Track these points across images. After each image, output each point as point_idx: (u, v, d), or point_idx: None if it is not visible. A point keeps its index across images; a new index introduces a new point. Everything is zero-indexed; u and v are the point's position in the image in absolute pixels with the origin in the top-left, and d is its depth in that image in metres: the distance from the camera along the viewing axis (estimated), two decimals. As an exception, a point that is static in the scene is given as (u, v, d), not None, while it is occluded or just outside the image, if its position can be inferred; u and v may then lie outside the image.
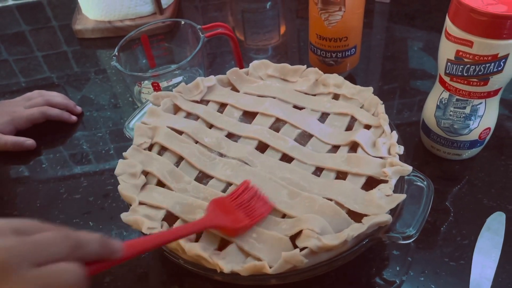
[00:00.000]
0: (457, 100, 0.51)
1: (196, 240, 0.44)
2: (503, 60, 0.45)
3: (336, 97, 0.59)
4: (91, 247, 0.30)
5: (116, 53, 0.65)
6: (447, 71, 0.49)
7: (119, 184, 0.47)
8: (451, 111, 0.52)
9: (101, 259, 0.31)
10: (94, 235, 0.31)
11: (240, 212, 0.44)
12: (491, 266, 0.46)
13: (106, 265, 0.32)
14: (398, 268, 0.47)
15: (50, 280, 0.27)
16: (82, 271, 0.29)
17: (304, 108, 0.57)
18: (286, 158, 0.51)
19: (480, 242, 0.48)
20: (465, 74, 0.47)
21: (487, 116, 0.51)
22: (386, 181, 0.46)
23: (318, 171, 0.50)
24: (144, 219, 0.44)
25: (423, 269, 0.47)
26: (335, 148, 0.52)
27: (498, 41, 0.44)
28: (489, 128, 0.53)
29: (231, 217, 0.43)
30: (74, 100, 0.73)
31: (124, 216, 0.45)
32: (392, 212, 0.44)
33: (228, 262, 0.41)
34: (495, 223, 0.50)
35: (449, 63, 0.48)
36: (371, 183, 0.48)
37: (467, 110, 0.51)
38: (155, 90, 0.63)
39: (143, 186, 0.49)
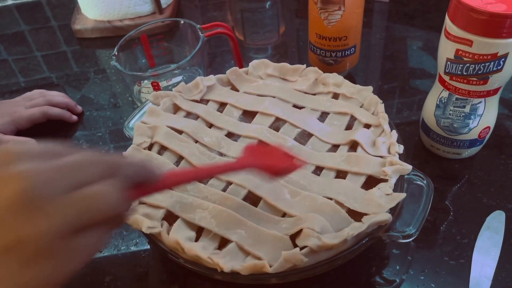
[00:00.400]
0: (456, 99, 0.51)
1: (196, 240, 0.44)
2: (503, 59, 0.45)
3: (335, 96, 0.59)
4: (128, 168, 0.27)
5: (116, 53, 0.65)
6: (447, 70, 0.49)
7: (119, 183, 0.47)
8: (450, 110, 0.52)
9: (139, 184, 0.28)
10: (131, 159, 0.28)
11: (274, 157, 0.44)
12: (490, 265, 0.46)
13: (144, 191, 0.29)
14: (398, 267, 0.48)
15: (88, 203, 0.24)
16: (121, 192, 0.26)
17: (304, 107, 0.57)
18: (286, 158, 0.51)
19: (479, 241, 0.48)
20: (465, 73, 0.48)
21: (486, 115, 0.52)
22: (386, 180, 0.47)
23: (318, 170, 0.50)
24: (144, 219, 0.44)
25: (423, 268, 0.47)
26: (335, 147, 0.52)
27: (497, 40, 0.44)
28: (489, 127, 0.53)
29: (271, 159, 0.43)
30: (73, 100, 0.72)
31: (124, 216, 0.45)
32: (392, 211, 0.44)
33: (228, 261, 0.41)
34: (495, 222, 0.50)
35: (448, 62, 0.48)
36: (371, 182, 0.48)
37: (467, 109, 0.51)
38: (154, 89, 0.63)
39: (143, 185, 0.49)
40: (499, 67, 0.46)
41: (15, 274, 0.22)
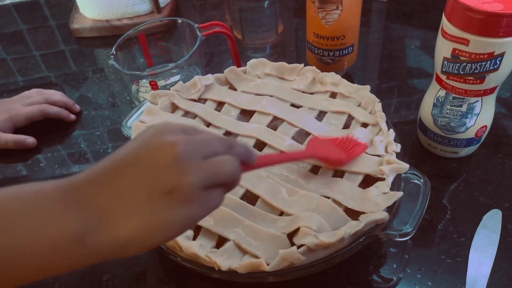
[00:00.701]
0: (453, 98, 0.51)
1: (194, 238, 0.45)
2: (499, 58, 0.45)
3: (333, 95, 0.59)
4: (239, 149, 0.35)
5: (114, 52, 0.65)
6: (444, 69, 0.49)
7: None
8: (447, 109, 0.52)
9: (244, 161, 0.36)
10: (239, 142, 0.37)
11: (337, 148, 0.49)
12: (487, 264, 0.46)
13: (246, 167, 0.36)
14: (395, 266, 0.48)
15: (217, 168, 0.32)
16: (238, 162, 0.34)
17: (302, 106, 0.57)
18: (284, 156, 0.51)
19: (476, 239, 0.48)
20: (462, 72, 0.48)
21: (483, 114, 0.52)
22: (383, 179, 0.47)
23: (316, 168, 0.50)
24: (142, 217, 0.44)
25: (420, 266, 0.47)
26: (332, 146, 0.52)
27: (494, 39, 0.44)
28: (486, 126, 0.53)
29: (333, 151, 0.49)
30: (72, 99, 0.72)
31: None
32: (389, 209, 0.44)
33: (225, 260, 0.41)
34: (492, 220, 0.50)
35: (445, 61, 0.49)
36: (368, 181, 0.48)
37: (464, 108, 0.51)
38: (152, 88, 0.64)
39: (141, 184, 0.49)
40: (495, 66, 0.46)
41: (174, 210, 0.30)
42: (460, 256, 0.48)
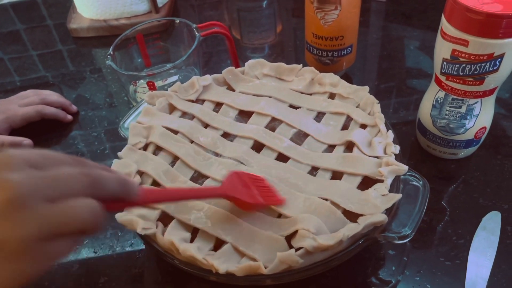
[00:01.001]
0: (453, 99, 0.51)
1: (191, 241, 0.44)
2: (499, 60, 0.45)
3: (332, 96, 0.58)
4: (109, 185, 0.30)
5: (111, 52, 0.64)
6: (443, 71, 0.49)
7: (113, 184, 0.47)
8: (447, 110, 0.52)
9: (118, 199, 0.30)
10: (112, 174, 0.30)
11: (256, 191, 0.44)
12: (486, 266, 0.46)
13: (121, 205, 0.31)
14: (394, 268, 0.47)
15: (66, 215, 0.27)
16: (99, 207, 0.28)
17: (300, 107, 0.57)
18: (282, 158, 0.51)
19: (475, 241, 0.48)
20: (461, 74, 0.47)
21: (482, 116, 0.51)
22: (382, 181, 0.46)
23: (314, 170, 0.50)
24: (139, 219, 0.44)
25: (418, 268, 0.47)
26: (331, 147, 0.52)
27: (493, 41, 0.44)
28: (485, 128, 0.53)
29: (248, 192, 0.44)
30: (69, 100, 0.72)
31: (119, 217, 0.44)
32: (387, 211, 0.44)
33: (223, 263, 0.41)
34: (491, 222, 0.50)
35: (444, 63, 0.48)
36: (366, 182, 0.48)
37: (463, 110, 0.51)
38: (150, 89, 0.63)
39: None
40: (495, 68, 0.46)
41: None
42: (459, 258, 0.47)
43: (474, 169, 0.56)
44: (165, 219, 0.46)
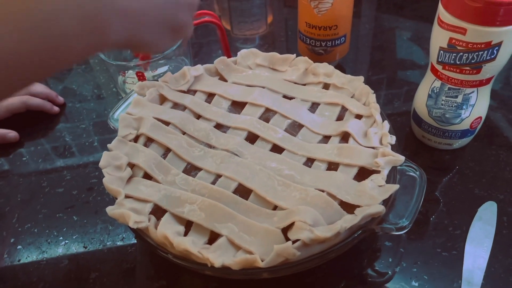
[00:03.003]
0: (449, 89, 0.50)
1: (185, 234, 0.43)
2: (496, 48, 0.44)
3: (326, 86, 0.57)
4: None
5: (99, 42, 0.62)
6: (440, 60, 0.48)
7: (103, 177, 0.46)
8: (443, 100, 0.51)
9: None
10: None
11: None
12: (483, 256, 0.46)
13: None
14: (390, 260, 0.47)
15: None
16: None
17: (294, 98, 0.56)
18: (277, 149, 0.50)
19: (472, 232, 0.48)
20: (458, 62, 0.47)
21: (478, 105, 0.51)
22: (378, 172, 0.46)
23: (309, 161, 0.49)
24: (131, 213, 0.42)
25: (415, 260, 0.47)
26: (326, 138, 0.51)
27: (491, 28, 0.43)
28: (480, 117, 0.53)
29: None
30: (55, 91, 0.70)
31: (110, 210, 0.43)
32: (385, 202, 0.43)
33: (218, 256, 0.40)
34: (487, 212, 0.49)
35: (441, 51, 0.48)
36: (363, 173, 0.47)
37: (459, 99, 0.50)
38: (139, 80, 0.62)
39: (129, 178, 0.47)
40: (492, 56, 0.45)
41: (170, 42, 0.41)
42: (456, 249, 0.47)
43: (469, 159, 0.56)
44: (157, 212, 0.45)
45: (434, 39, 0.49)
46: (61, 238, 0.51)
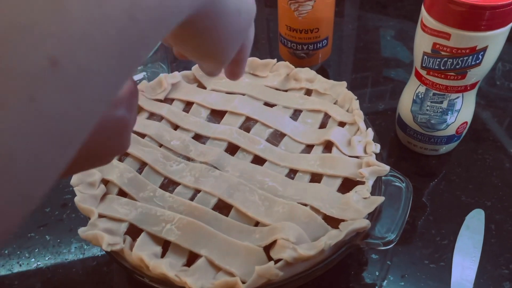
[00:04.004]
0: (434, 94, 0.49)
1: (163, 254, 0.41)
2: (481, 53, 0.43)
3: (308, 92, 0.56)
4: None
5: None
6: (424, 65, 0.47)
7: (76, 195, 0.43)
8: (427, 105, 0.50)
9: None
10: None
11: None
12: (471, 267, 0.44)
13: None
14: (377, 273, 0.45)
15: None
16: None
17: (276, 105, 0.54)
18: (258, 160, 0.48)
19: (459, 241, 0.47)
20: (442, 68, 0.45)
21: (464, 111, 0.50)
22: (363, 182, 0.44)
23: (292, 173, 0.47)
24: (104, 234, 0.40)
25: (403, 273, 0.45)
26: (309, 147, 0.49)
27: (476, 33, 0.41)
28: (466, 122, 0.52)
29: None
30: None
31: (82, 232, 0.41)
32: (370, 215, 0.41)
33: (197, 279, 0.38)
34: (474, 221, 0.48)
35: (425, 56, 0.46)
36: (347, 184, 0.45)
37: (444, 105, 0.49)
38: (114, 89, 0.59)
39: (103, 196, 0.45)
40: (477, 61, 0.44)
41: None
42: (444, 260, 0.46)
43: (456, 165, 0.54)
44: (133, 232, 0.42)
45: (417, 44, 0.47)
46: (33, 259, 0.49)
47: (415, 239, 0.48)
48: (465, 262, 0.45)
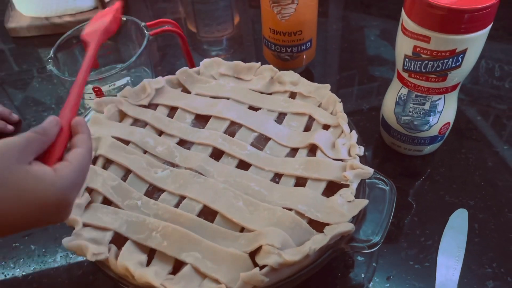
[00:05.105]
0: (416, 96, 0.49)
1: (148, 262, 0.41)
2: (461, 55, 0.43)
3: (292, 95, 0.56)
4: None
5: (52, 55, 0.59)
6: (405, 67, 0.47)
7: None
8: (410, 107, 0.50)
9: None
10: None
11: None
12: (455, 267, 0.45)
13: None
14: (363, 275, 0.46)
15: None
16: None
17: (260, 108, 0.54)
18: (243, 164, 0.48)
19: (443, 241, 0.47)
20: (423, 70, 0.46)
21: (446, 111, 0.50)
22: (347, 185, 0.44)
23: (277, 177, 0.47)
24: (89, 244, 0.40)
25: (388, 274, 0.46)
26: (294, 150, 0.50)
27: (455, 36, 0.42)
28: (449, 123, 0.52)
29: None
30: (15, 104, 0.66)
31: (66, 242, 0.40)
32: (354, 218, 0.42)
33: (183, 288, 0.38)
34: (458, 220, 0.49)
35: (407, 59, 0.46)
36: (332, 187, 0.46)
37: (427, 106, 0.49)
38: (97, 95, 0.58)
39: (87, 205, 0.45)
40: (457, 64, 0.44)
41: None
42: (428, 261, 0.46)
43: (440, 165, 0.55)
44: (119, 240, 0.42)
45: (399, 46, 0.47)
46: (18, 269, 0.48)
47: (400, 240, 0.48)
48: (449, 262, 0.45)
